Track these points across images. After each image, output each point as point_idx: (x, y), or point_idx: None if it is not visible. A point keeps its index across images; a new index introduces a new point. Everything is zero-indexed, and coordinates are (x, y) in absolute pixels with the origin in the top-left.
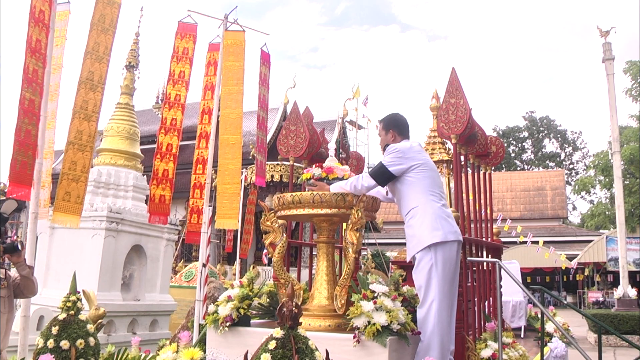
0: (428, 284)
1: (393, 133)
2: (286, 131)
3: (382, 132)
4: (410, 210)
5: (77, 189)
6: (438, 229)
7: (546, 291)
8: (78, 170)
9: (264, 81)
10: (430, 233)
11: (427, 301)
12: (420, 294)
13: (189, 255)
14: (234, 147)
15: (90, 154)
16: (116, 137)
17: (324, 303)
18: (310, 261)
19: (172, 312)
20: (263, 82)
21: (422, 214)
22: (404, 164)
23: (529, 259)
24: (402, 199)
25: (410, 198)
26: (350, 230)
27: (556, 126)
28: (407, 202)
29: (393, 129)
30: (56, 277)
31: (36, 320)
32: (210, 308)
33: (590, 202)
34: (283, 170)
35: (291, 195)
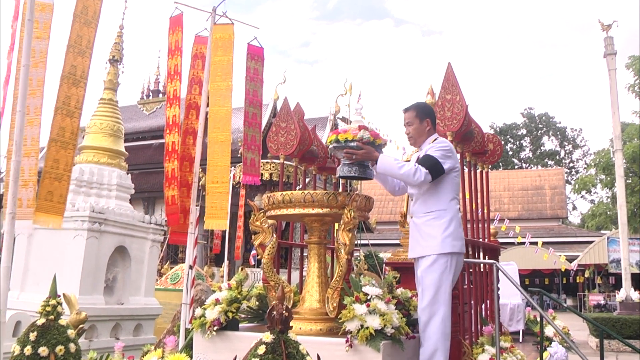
0: (439, 287)
1: (429, 123)
2: (276, 128)
3: (415, 120)
4: (435, 211)
5: (60, 188)
6: (460, 239)
7: (545, 294)
8: (61, 169)
9: (253, 77)
10: (453, 241)
11: (435, 304)
12: (426, 293)
13: (175, 256)
14: (223, 144)
15: (72, 152)
16: (99, 134)
17: (316, 306)
18: (301, 263)
19: (157, 316)
20: (252, 78)
21: (450, 218)
22: (451, 163)
23: (528, 261)
24: (430, 197)
25: (440, 199)
26: (343, 231)
27: (555, 123)
28: (435, 202)
29: (430, 118)
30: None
31: (12, 326)
32: (197, 312)
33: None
34: (273, 168)
35: (281, 195)
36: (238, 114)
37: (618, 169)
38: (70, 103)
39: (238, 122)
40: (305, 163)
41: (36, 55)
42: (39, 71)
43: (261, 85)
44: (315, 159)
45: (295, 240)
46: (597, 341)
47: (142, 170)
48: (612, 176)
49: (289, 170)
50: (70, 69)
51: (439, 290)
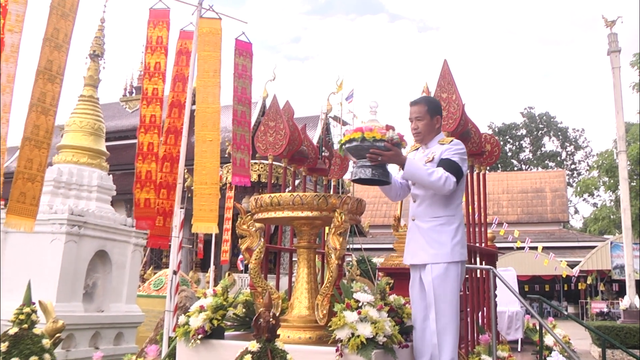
0: (453, 296)
1: (439, 120)
2: (265, 127)
3: (427, 116)
4: (444, 216)
5: (33, 189)
6: (465, 247)
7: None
8: (34, 169)
9: (241, 73)
10: (461, 249)
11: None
12: (441, 303)
13: (159, 261)
14: (212, 144)
15: (47, 151)
16: (79, 133)
17: (304, 313)
18: (290, 268)
19: (139, 324)
20: (240, 75)
21: (458, 225)
22: (466, 167)
23: (527, 266)
24: (437, 201)
25: (448, 203)
26: (333, 235)
27: (557, 123)
28: (443, 207)
29: (440, 115)
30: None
31: None
32: (180, 319)
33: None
34: (261, 169)
35: (269, 197)
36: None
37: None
38: (45, 100)
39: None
40: (294, 164)
41: (7, 49)
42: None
43: (250, 82)
44: (305, 159)
45: (284, 245)
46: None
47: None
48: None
49: (278, 171)
50: (46, 64)
51: (454, 300)
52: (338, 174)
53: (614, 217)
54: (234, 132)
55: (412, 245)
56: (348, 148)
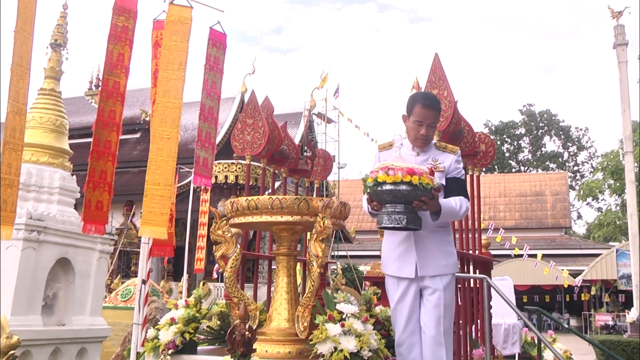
0: (452, 309)
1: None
2: (242, 125)
3: (437, 121)
4: (447, 226)
5: (12, 195)
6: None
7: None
8: (12, 174)
9: (213, 65)
10: (457, 260)
11: (451, 327)
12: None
13: (127, 270)
14: (169, 142)
15: (21, 154)
16: (39, 130)
17: (284, 326)
18: (269, 277)
19: (104, 338)
20: (212, 67)
21: (451, 236)
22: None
23: (526, 275)
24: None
25: None
26: (315, 241)
27: (558, 122)
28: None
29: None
30: None
31: None
32: (149, 333)
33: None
34: (239, 170)
35: (246, 200)
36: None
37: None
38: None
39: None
40: (274, 164)
41: None
42: None
43: (221, 76)
44: (285, 160)
45: (262, 252)
46: None
47: None
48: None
49: (256, 172)
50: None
51: (452, 315)
52: (321, 176)
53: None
54: (200, 128)
55: (422, 254)
56: (390, 191)
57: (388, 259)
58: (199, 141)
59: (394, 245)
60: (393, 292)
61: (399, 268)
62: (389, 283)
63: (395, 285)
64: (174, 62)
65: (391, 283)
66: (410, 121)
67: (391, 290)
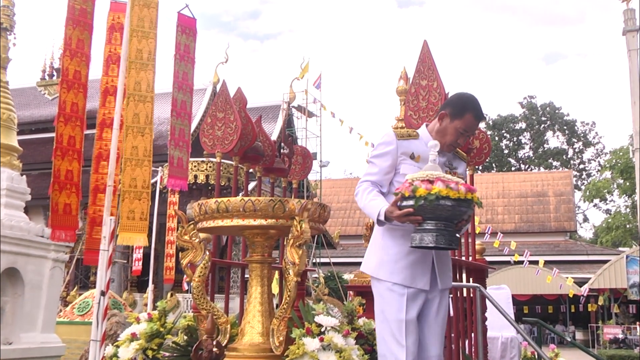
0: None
1: None
2: (212, 119)
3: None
4: None
5: None
6: None
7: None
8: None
9: (183, 55)
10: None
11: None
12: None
13: (86, 280)
14: (144, 140)
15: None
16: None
17: (257, 340)
18: (242, 287)
19: (58, 357)
20: (182, 57)
21: None
22: None
23: (526, 284)
24: None
25: None
26: (292, 247)
27: (562, 115)
28: None
29: None
30: None
31: None
32: (107, 350)
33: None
34: (210, 169)
35: (216, 202)
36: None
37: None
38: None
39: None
40: (247, 163)
41: None
42: None
43: (192, 65)
44: (260, 157)
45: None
46: None
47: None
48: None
49: (229, 172)
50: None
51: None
52: (300, 175)
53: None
54: (172, 125)
55: (440, 267)
56: (450, 207)
57: (394, 265)
58: (172, 140)
59: (404, 252)
60: (397, 302)
61: (411, 278)
62: (391, 292)
63: (400, 296)
64: (144, 51)
65: (395, 292)
66: (452, 124)
67: (393, 300)
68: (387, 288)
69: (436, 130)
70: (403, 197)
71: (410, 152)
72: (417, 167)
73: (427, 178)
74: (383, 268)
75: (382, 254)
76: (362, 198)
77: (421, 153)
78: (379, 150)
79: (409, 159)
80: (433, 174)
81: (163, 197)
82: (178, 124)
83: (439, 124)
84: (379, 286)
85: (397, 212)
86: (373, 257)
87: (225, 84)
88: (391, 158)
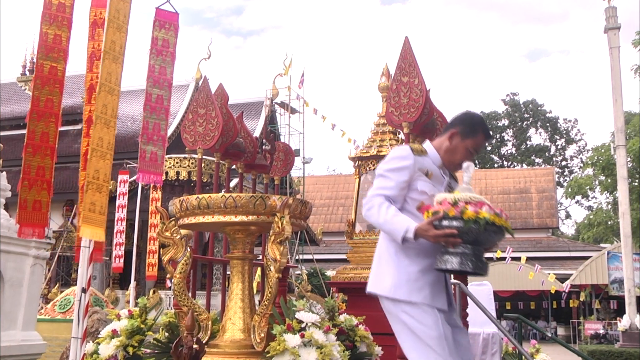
0: None
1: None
2: (193, 115)
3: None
4: None
5: None
6: None
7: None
8: None
9: (160, 50)
10: None
11: None
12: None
13: (67, 277)
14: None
15: None
16: None
17: (238, 337)
18: (224, 283)
19: (39, 355)
20: (159, 51)
21: None
22: None
23: (509, 280)
24: None
25: None
26: (273, 243)
27: (545, 112)
28: None
29: None
30: None
31: None
32: (88, 347)
33: (587, 209)
34: (192, 165)
35: (197, 198)
36: None
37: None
38: None
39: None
40: (229, 159)
41: None
42: None
43: (172, 60)
44: (241, 154)
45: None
46: None
47: None
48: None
49: (211, 168)
50: None
51: None
52: (281, 171)
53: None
54: (145, 120)
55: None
56: (494, 232)
57: (413, 285)
58: (145, 134)
59: (421, 270)
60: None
61: (431, 297)
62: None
63: (431, 309)
64: (117, 43)
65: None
66: (463, 143)
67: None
68: (411, 307)
69: (445, 148)
70: (445, 217)
71: (425, 169)
72: (432, 185)
73: (473, 200)
74: (401, 288)
75: (398, 273)
76: (381, 213)
77: (433, 170)
78: (394, 164)
79: (424, 175)
80: (476, 196)
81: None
82: (152, 118)
83: (449, 143)
84: (398, 307)
85: (435, 231)
86: (387, 277)
87: (206, 80)
88: (408, 173)
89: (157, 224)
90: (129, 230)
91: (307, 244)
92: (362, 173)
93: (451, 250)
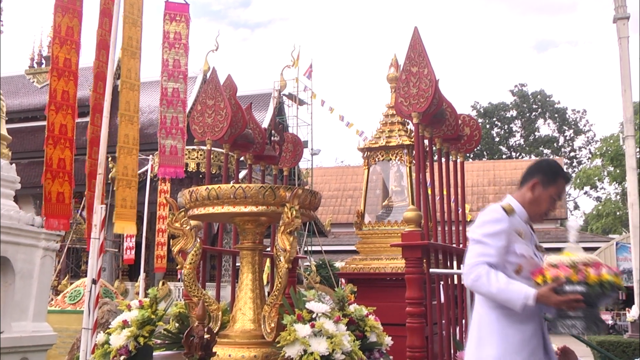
0: None
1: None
2: (202, 107)
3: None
4: None
5: None
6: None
7: None
8: None
9: (173, 43)
10: None
11: None
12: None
13: (77, 269)
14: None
15: None
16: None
17: (249, 327)
18: (234, 274)
19: (49, 346)
20: (172, 44)
21: None
22: None
23: None
24: None
25: None
26: (282, 234)
27: (553, 103)
28: None
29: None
30: None
31: None
32: (99, 337)
33: (596, 200)
34: (201, 157)
35: (206, 189)
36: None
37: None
38: None
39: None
40: (238, 150)
41: None
42: None
43: (185, 52)
44: (250, 145)
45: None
46: None
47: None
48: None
49: (220, 159)
50: None
51: None
52: (290, 162)
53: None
54: (163, 114)
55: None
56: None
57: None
58: (163, 129)
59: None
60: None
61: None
62: None
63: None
64: (133, 38)
65: None
66: (547, 192)
67: None
68: None
69: (529, 200)
70: (568, 282)
71: (519, 230)
72: (526, 245)
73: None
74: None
75: (502, 343)
76: (491, 282)
77: (523, 229)
78: (490, 228)
79: (518, 236)
80: (590, 257)
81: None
82: (170, 112)
83: (531, 194)
84: None
85: (558, 297)
86: (490, 348)
87: (215, 71)
88: (506, 237)
89: (165, 216)
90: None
91: (315, 235)
92: (370, 164)
93: (572, 314)
